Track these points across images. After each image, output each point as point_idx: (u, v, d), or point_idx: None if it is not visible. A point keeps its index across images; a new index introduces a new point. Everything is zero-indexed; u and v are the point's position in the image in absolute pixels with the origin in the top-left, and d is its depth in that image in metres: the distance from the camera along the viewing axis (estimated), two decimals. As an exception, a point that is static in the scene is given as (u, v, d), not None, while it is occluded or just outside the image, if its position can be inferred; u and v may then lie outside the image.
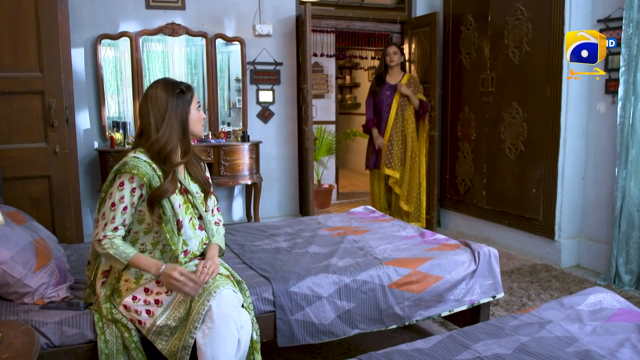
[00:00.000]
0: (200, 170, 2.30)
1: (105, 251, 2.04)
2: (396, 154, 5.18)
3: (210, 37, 5.15)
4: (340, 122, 8.26)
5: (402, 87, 5.06)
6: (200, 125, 2.23)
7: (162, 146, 2.08)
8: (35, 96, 3.21)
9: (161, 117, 2.11)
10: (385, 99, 5.16)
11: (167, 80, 2.21)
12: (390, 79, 5.19)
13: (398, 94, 5.10)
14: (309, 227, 3.42)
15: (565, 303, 2.15)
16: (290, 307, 2.37)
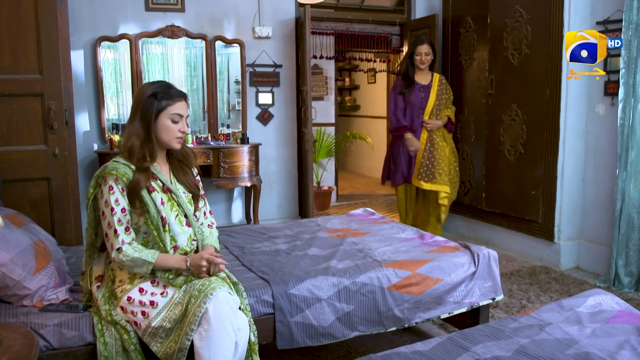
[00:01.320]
0: (188, 175, 2.29)
1: (130, 257, 2.05)
2: (439, 164, 4.57)
3: (210, 39, 5.15)
4: (340, 124, 8.26)
5: (429, 123, 4.55)
6: (169, 135, 2.14)
7: (128, 147, 2.11)
8: (35, 98, 3.21)
9: (132, 116, 2.16)
10: (419, 102, 4.55)
11: (155, 82, 2.21)
12: (419, 79, 4.60)
13: (433, 96, 4.57)
14: (308, 229, 3.42)
15: (565, 305, 2.14)
16: (290, 309, 2.37)
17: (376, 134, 8.84)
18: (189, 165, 2.31)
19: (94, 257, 2.27)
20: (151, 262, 2.06)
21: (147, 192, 2.11)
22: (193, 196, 2.29)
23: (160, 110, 2.12)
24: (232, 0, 5.24)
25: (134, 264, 2.06)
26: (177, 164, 2.28)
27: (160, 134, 2.14)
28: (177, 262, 2.11)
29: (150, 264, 2.06)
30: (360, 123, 9.77)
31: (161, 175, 2.19)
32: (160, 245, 2.13)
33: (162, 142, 2.16)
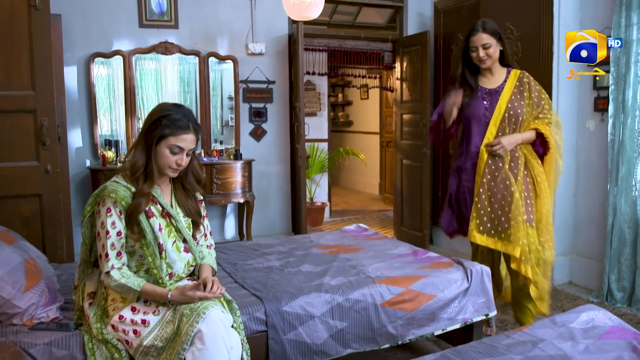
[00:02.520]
0: (190, 200, 2.25)
1: (117, 282, 2.03)
2: (504, 210, 3.06)
3: (203, 56, 5.18)
4: (333, 140, 8.29)
5: (495, 143, 3.07)
6: (164, 165, 2.10)
7: (130, 166, 2.08)
8: (28, 114, 3.19)
9: (139, 135, 2.14)
10: (482, 113, 3.13)
11: (171, 106, 2.13)
12: (485, 82, 3.18)
13: (504, 102, 3.09)
14: (301, 245, 3.41)
15: (558, 321, 2.14)
16: (283, 326, 2.36)
17: (369, 150, 8.88)
18: (193, 189, 2.27)
19: (87, 272, 2.25)
20: (136, 291, 2.04)
21: (145, 217, 2.08)
22: (193, 222, 2.26)
23: (162, 138, 2.07)
24: (226, 17, 5.27)
25: (121, 289, 2.04)
26: (181, 188, 2.24)
27: (157, 159, 2.10)
28: (160, 295, 2.05)
29: (136, 292, 2.04)
30: (353, 139, 9.80)
31: (161, 199, 2.16)
32: (154, 272, 2.10)
33: (158, 168, 2.12)
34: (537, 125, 3.08)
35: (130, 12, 4.95)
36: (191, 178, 2.24)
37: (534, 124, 3.10)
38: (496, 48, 3.09)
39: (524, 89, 3.12)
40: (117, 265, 2.05)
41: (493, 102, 3.12)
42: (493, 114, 3.11)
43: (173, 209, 2.19)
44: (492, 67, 3.15)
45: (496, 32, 3.08)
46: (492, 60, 3.11)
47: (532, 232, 3.08)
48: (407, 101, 5.75)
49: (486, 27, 3.07)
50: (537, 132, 3.09)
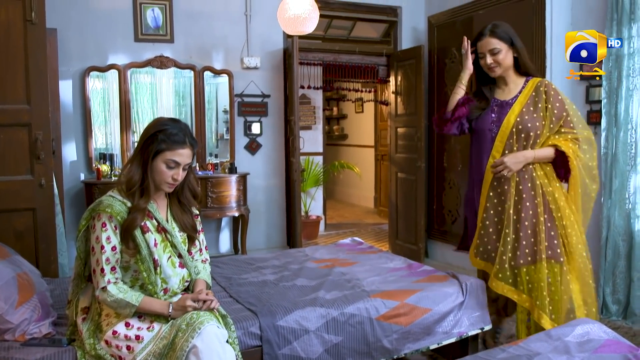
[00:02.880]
0: (186, 215, 2.24)
1: (114, 297, 2.01)
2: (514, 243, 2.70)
3: (199, 70, 5.19)
4: (328, 153, 8.30)
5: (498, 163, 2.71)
6: (160, 180, 2.08)
7: (126, 181, 2.08)
8: (22, 128, 3.19)
9: (135, 150, 2.13)
10: (488, 127, 2.81)
11: (167, 121, 2.13)
12: (499, 93, 2.87)
13: (513, 115, 2.72)
14: (296, 259, 3.40)
15: (553, 335, 2.14)
16: (278, 341, 2.34)
17: (364, 163, 8.89)
18: (189, 204, 2.26)
19: (81, 287, 2.23)
20: (134, 305, 2.02)
21: (140, 232, 2.07)
22: (188, 237, 2.25)
23: (157, 153, 2.06)
24: (221, 31, 5.30)
25: (117, 304, 2.02)
26: (177, 202, 2.24)
27: (153, 174, 2.09)
28: (160, 308, 2.05)
29: (134, 307, 2.02)
30: (348, 152, 9.82)
31: (157, 214, 2.15)
32: (149, 287, 2.09)
33: (154, 183, 2.11)
34: (556, 141, 2.67)
35: (126, 27, 4.97)
36: (187, 193, 2.23)
37: (552, 140, 2.68)
38: (507, 54, 2.75)
39: (540, 100, 2.71)
40: (113, 280, 2.04)
41: (502, 115, 2.77)
42: (500, 129, 2.75)
43: (169, 224, 2.19)
44: (506, 76, 2.81)
45: (507, 37, 2.74)
46: (503, 68, 2.77)
47: (559, 269, 2.64)
48: (402, 115, 5.78)
49: (495, 30, 2.74)
50: (556, 150, 2.68)
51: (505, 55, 2.75)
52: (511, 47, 2.76)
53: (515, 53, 2.77)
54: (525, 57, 2.79)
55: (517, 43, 2.77)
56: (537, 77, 2.81)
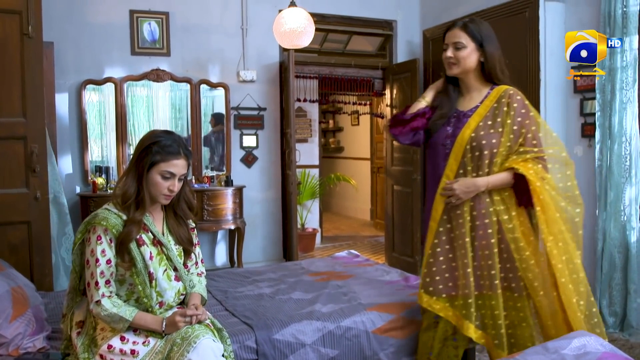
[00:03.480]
0: (182, 228, 2.22)
1: (108, 312, 1.99)
2: (462, 270, 2.34)
3: (195, 83, 5.21)
4: (324, 166, 8.31)
5: (449, 187, 2.34)
6: (157, 192, 2.07)
7: (121, 194, 2.07)
8: (18, 142, 3.19)
9: (130, 163, 2.13)
10: (441, 142, 2.45)
11: (161, 133, 2.14)
12: (462, 101, 2.49)
13: (468, 130, 2.35)
14: (292, 272, 3.39)
15: (550, 347, 2.13)
16: (274, 355, 2.33)
17: (360, 176, 8.90)
18: (184, 216, 2.24)
19: (76, 300, 2.21)
20: (128, 320, 2.01)
21: (136, 245, 2.06)
22: (184, 250, 2.24)
23: (152, 164, 2.06)
24: (217, 45, 5.33)
25: (111, 319, 2.00)
26: (172, 215, 2.22)
27: (149, 187, 2.08)
28: (154, 323, 2.04)
29: (127, 322, 2.01)
30: (344, 165, 9.84)
31: (153, 227, 2.14)
32: (144, 301, 2.08)
33: (150, 195, 2.11)
34: (514, 163, 2.28)
35: (122, 40, 4.99)
36: (183, 205, 2.23)
37: (510, 162, 2.29)
38: (471, 54, 2.36)
39: (500, 113, 2.32)
40: (107, 294, 2.02)
41: (457, 129, 2.38)
42: (454, 145, 2.36)
43: (164, 237, 2.18)
44: (467, 80, 2.44)
45: (478, 36, 2.36)
46: (462, 68, 2.39)
47: (520, 302, 2.33)
48: (398, 127, 5.78)
49: (468, 25, 2.38)
50: (515, 174, 2.30)
51: (469, 54, 2.36)
52: (479, 49, 2.37)
53: (482, 57, 2.38)
54: (494, 63, 2.39)
55: (488, 46, 2.37)
56: (503, 86, 2.40)
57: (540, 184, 2.23)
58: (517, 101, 2.32)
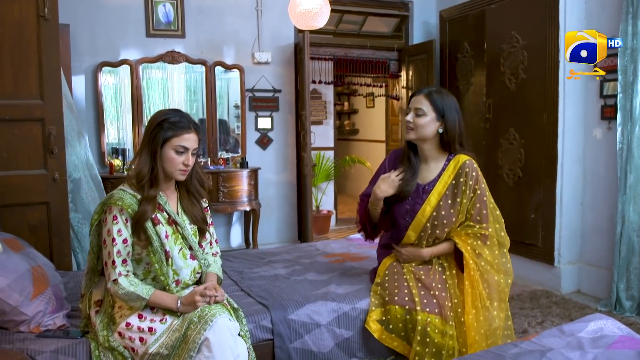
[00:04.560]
0: (196, 208, 2.25)
1: (125, 290, 2.03)
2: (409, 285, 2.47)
3: (210, 65, 5.20)
4: (339, 148, 8.29)
5: (402, 251, 2.55)
6: (172, 167, 2.10)
7: (136, 173, 2.10)
8: (36, 123, 3.22)
9: (142, 142, 2.15)
10: (402, 214, 2.53)
11: (169, 111, 2.19)
12: (420, 172, 2.53)
13: (426, 210, 2.45)
14: (307, 253, 3.41)
15: (566, 330, 2.12)
16: (289, 335, 2.35)
17: (375, 158, 8.85)
18: (198, 194, 2.28)
19: (94, 280, 2.26)
20: (145, 298, 2.04)
21: (151, 224, 2.09)
22: (199, 229, 2.27)
23: (166, 140, 2.09)
24: (232, 26, 5.30)
25: (128, 297, 2.04)
26: (186, 194, 2.25)
27: (164, 164, 2.11)
28: (170, 302, 2.07)
29: (144, 300, 2.04)
30: (359, 147, 9.80)
31: (167, 206, 2.17)
32: (161, 279, 2.11)
33: (166, 173, 2.13)
34: (457, 237, 2.43)
35: (138, 22, 4.99)
36: (195, 182, 2.25)
37: (454, 233, 2.45)
38: (430, 124, 2.41)
39: (459, 193, 2.42)
40: (124, 272, 2.06)
41: (416, 205, 2.46)
42: (414, 220, 2.46)
43: (179, 217, 2.20)
44: (425, 148, 2.48)
45: (439, 107, 2.41)
46: (418, 135, 2.43)
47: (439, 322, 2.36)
48: (413, 109, 5.75)
49: (432, 94, 2.43)
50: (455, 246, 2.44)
51: (428, 124, 2.41)
52: (440, 120, 2.42)
53: (442, 127, 2.43)
54: (454, 135, 2.43)
55: (449, 117, 2.42)
56: (461, 156, 2.45)
57: (473, 262, 2.38)
58: (473, 178, 2.43)
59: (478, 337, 2.35)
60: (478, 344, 2.33)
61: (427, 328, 2.32)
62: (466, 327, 2.37)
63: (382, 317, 2.44)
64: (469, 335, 2.36)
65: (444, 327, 2.34)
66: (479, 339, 2.34)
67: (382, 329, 2.42)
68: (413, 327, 2.35)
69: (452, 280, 2.48)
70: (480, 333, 2.36)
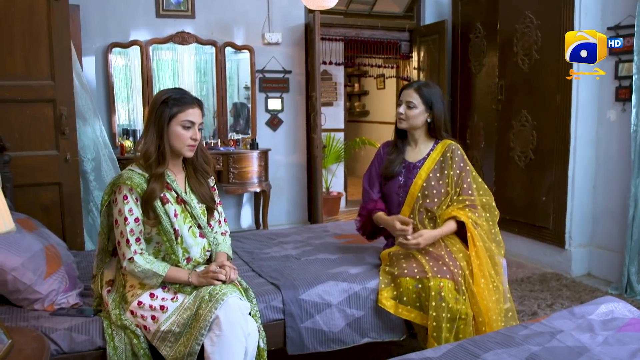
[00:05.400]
0: (203, 187, 2.27)
1: (141, 267, 2.06)
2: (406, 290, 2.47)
3: (220, 46, 5.18)
4: (349, 130, 8.26)
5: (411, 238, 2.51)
6: (180, 143, 2.13)
7: (143, 153, 2.11)
8: (47, 104, 3.23)
9: (147, 122, 2.16)
10: (395, 190, 2.74)
11: (169, 89, 2.21)
12: (409, 152, 2.79)
13: (420, 181, 2.66)
14: (317, 234, 3.42)
15: (577, 312, 2.12)
16: (300, 314, 2.37)
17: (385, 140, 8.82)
18: (205, 175, 2.30)
19: (106, 261, 2.28)
20: (161, 275, 2.07)
21: (160, 203, 2.11)
22: (207, 208, 2.28)
23: (172, 117, 2.11)
24: (242, 7, 5.26)
25: (145, 275, 2.07)
26: (193, 173, 2.27)
27: (172, 141, 2.13)
28: (185, 276, 2.11)
29: (161, 277, 2.07)
30: (370, 129, 9.77)
31: (176, 186, 2.18)
32: (172, 257, 2.13)
33: (174, 150, 2.15)
34: (455, 212, 2.57)
35: (147, 2, 4.97)
36: (200, 159, 2.27)
37: (452, 210, 2.59)
38: (420, 115, 2.67)
39: (446, 166, 2.67)
40: (139, 251, 2.08)
41: (409, 180, 2.70)
42: (407, 194, 2.68)
43: (187, 196, 2.22)
44: (415, 134, 2.74)
45: (428, 100, 2.66)
46: (409, 124, 2.69)
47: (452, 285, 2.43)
48: (424, 91, 5.71)
49: (421, 88, 2.68)
50: (457, 220, 2.59)
51: (418, 115, 2.67)
52: (429, 111, 2.68)
53: (430, 118, 2.69)
54: (440, 123, 2.69)
55: (436, 109, 2.67)
56: (447, 140, 2.72)
57: (476, 232, 2.54)
58: (458, 156, 2.68)
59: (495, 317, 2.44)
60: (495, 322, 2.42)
61: (442, 292, 2.37)
62: (477, 296, 2.44)
63: (393, 293, 2.48)
64: (482, 304, 2.42)
65: (457, 292, 2.40)
66: (495, 318, 2.43)
67: (396, 303, 2.47)
68: (427, 295, 2.39)
69: (458, 254, 2.55)
70: (495, 312, 2.45)
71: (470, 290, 2.45)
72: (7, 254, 2.12)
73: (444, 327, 2.35)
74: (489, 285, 2.48)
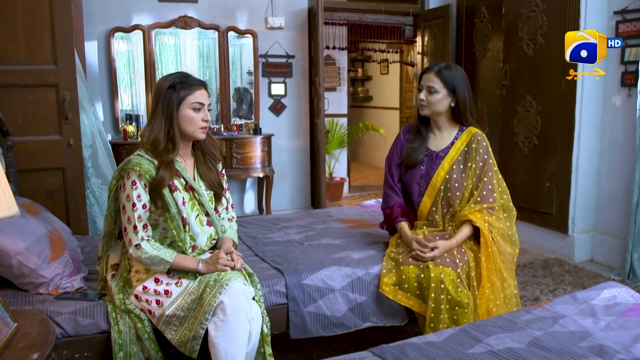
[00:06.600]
0: (212, 172, 2.27)
1: (149, 254, 2.06)
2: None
3: (223, 30, 5.15)
4: (352, 115, 8.24)
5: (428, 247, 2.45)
6: (193, 126, 2.13)
7: (151, 140, 2.09)
8: (50, 89, 3.23)
9: (154, 109, 2.14)
10: (417, 180, 2.65)
11: (172, 74, 2.20)
12: (432, 140, 2.67)
13: (442, 172, 2.58)
14: (320, 219, 3.42)
15: (579, 297, 2.13)
16: (303, 299, 2.38)
17: (389, 125, 8.80)
18: (214, 160, 2.29)
19: (111, 244, 2.29)
20: (169, 262, 2.08)
21: (169, 191, 2.11)
22: (215, 194, 2.28)
23: (181, 101, 2.10)
24: (245, -9, 5.23)
25: (152, 261, 2.07)
26: (202, 159, 2.26)
27: (184, 125, 2.12)
28: (192, 264, 2.12)
29: (168, 263, 2.08)
30: (373, 114, 9.74)
31: (185, 173, 2.18)
32: (179, 245, 2.14)
33: (186, 134, 2.14)
34: (472, 215, 2.48)
35: (150, -14, 4.94)
36: (208, 144, 2.27)
37: (468, 213, 2.49)
38: (443, 100, 2.54)
39: (470, 158, 2.55)
40: (146, 237, 2.09)
41: (431, 170, 2.60)
42: (429, 185, 2.59)
43: (196, 182, 2.21)
44: (438, 120, 2.62)
45: (450, 83, 2.52)
46: (432, 110, 2.56)
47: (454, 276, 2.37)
48: (428, 76, 5.67)
49: (442, 71, 2.53)
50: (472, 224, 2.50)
51: (441, 100, 2.54)
52: (451, 95, 2.55)
53: (454, 102, 2.56)
54: (465, 108, 2.56)
55: (459, 92, 2.54)
56: (472, 128, 2.61)
57: (490, 236, 2.46)
58: (483, 147, 2.57)
59: (495, 309, 2.42)
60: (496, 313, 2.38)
61: (442, 279, 2.34)
62: (480, 297, 2.42)
63: (394, 279, 2.47)
64: (482, 305, 2.41)
65: (458, 281, 2.36)
66: (495, 311, 2.41)
67: (395, 289, 2.46)
68: (427, 285, 2.37)
69: (465, 246, 2.53)
70: (497, 305, 2.43)
71: (473, 287, 2.44)
72: (11, 238, 2.13)
73: (442, 316, 2.32)
74: (494, 290, 2.43)
